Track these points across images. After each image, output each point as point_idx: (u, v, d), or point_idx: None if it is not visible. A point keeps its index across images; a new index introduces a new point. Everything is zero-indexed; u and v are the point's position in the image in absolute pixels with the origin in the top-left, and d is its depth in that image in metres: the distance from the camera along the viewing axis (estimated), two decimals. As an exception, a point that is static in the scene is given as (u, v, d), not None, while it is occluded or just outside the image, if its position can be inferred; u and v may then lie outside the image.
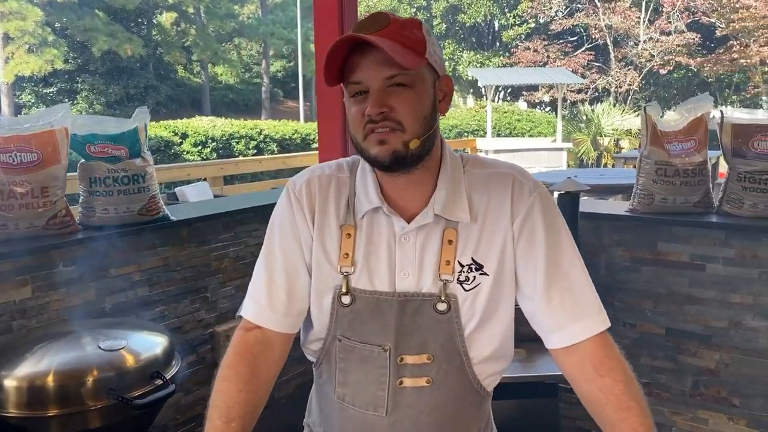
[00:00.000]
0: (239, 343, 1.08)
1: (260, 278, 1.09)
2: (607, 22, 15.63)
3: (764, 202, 2.42)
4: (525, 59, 17.22)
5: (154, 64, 22.30)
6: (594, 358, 1.00)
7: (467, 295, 1.02)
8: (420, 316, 1.02)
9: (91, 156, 2.41)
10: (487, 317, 1.04)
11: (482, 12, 20.58)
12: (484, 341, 1.05)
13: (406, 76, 0.95)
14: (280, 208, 1.11)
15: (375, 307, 1.03)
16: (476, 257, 1.03)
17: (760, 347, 2.44)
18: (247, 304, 1.10)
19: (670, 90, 17.19)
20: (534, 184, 1.06)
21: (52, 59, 18.29)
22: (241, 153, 10.02)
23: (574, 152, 12.07)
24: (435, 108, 1.01)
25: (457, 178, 1.05)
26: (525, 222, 1.03)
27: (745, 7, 13.33)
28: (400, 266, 1.03)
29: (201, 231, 2.78)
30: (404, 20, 0.99)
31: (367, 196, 1.04)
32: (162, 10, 23.29)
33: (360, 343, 1.04)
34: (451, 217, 1.02)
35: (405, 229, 1.03)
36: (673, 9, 14.79)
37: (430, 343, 1.03)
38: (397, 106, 0.95)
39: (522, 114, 16.51)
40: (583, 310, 1.02)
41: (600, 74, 16.38)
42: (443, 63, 1.04)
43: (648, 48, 15.45)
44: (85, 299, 2.35)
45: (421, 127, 0.97)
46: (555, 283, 1.02)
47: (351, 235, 1.04)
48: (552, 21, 17.91)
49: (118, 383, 1.77)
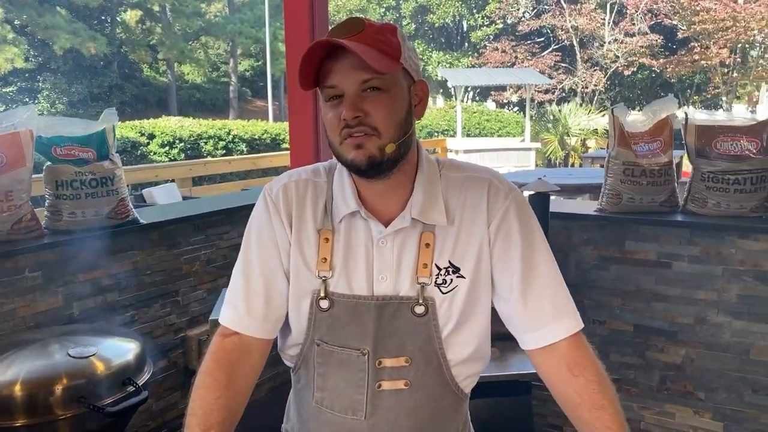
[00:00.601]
0: (217, 350, 1.07)
1: (238, 284, 1.09)
2: (573, 23, 15.89)
3: (727, 201, 2.49)
4: (493, 60, 17.40)
5: (119, 62, 21.86)
6: (568, 358, 1.03)
7: (444, 297, 1.03)
8: (398, 320, 1.03)
9: (57, 158, 2.36)
10: (464, 319, 1.05)
11: (451, 12, 20.72)
12: (461, 343, 1.06)
13: (381, 81, 0.96)
14: (257, 213, 1.10)
15: (353, 311, 1.03)
16: (453, 260, 1.04)
17: (723, 342, 2.51)
18: (225, 310, 1.09)
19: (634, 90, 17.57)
20: (509, 187, 1.07)
21: (12, 57, 17.79)
22: (209, 153, 9.90)
23: (542, 152, 12.25)
24: (410, 112, 1.02)
25: (434, 181, 1.06)
26: (501, 225, 1.04)
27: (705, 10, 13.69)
28: (378, 270, 1.03)
29: (171, 234, 2.74)
30: (380, 25, 1.00)
31: (345, 201, 1.05)
32: (126, 8, 22.84)
33: (338, 348, 1.04)
34: (428, 221, 1.03)
35: (382, 233, 1.03)
36: (636, 11, 15.12)
37: (408, 346, 1.03)
38: (372, 111, 0.96)
39: (491, 114, 16.68)
40: (558, 311, 1.04)
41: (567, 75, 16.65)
42: (419, 68, 1.05)
43: (613, 49, 15.76)
44: (53, 305, 2.29)
45: (396, 132, 0.98)
46: (531, 284, 1.04)
47: (329, 239, 1.04)
48: (519, 22, 18.13)
49: (89, 391, 1.74)
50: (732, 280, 2.48)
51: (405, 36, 1.02)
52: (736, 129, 2.46)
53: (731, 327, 2.50)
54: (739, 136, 2.47)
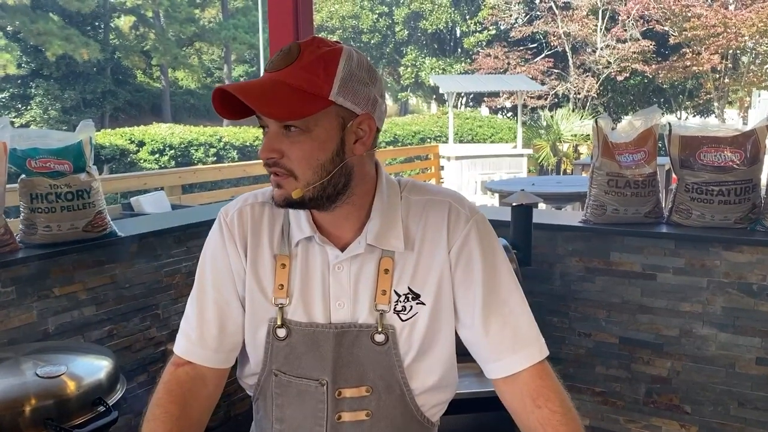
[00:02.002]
0: (169, 380, 1.03)
1: (191, 312, 1.05)
2: (566, 29, 15.94)
3: (711, 212, 2.47)
4: (486, 66, 17.42)
5: (112, 68, 21.80)
6: (531, 388, 0.99)
7: (405, 325, 1.00)
8: (358, 348, 1.00)
9: (32, 171, 2.31)
10: (427, 347, 1.02)
11: (444, 19, 20.75)
12: (425, 372, 1.03)
13: (300, 121, 0.90)
14: (211, 238, 1.07)
15: (311, 340, 1.00)
16: (413, 286, 1.00)
17: (709, 355, 2.49)
18: (178, 338, 1.06)
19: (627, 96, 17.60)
20: (471, 210, 1.04)
21: (5, 64, 17.73)
22: (200, 161, 9.86)
23: (535, 158, 12.24)
24: (340, 152, 0.93)
25: (393, 205, 1.02)
26: (462, 250, 1.01)
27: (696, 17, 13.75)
28: (334, 296, 1.00)
29: (151, 246, 2.70)
30: (317, 55, 0.91)
31: (299, 225, 1.01)
32: (120, 14, 22.80)
33: (296, 378, 1.01)
34: (385, 246, 1.00)
35: (338, 258, 1.00)
36: (628, 17, 15.16)
37: (369, 375, 1.00)
38: (289, 153, 0.91)
39: (483, 120, 16.69)
40: (520, 340, 1.01)
41: (559, 80, 16.68)
42: (369, 99, 0.94)
43: (605, 55, 15.80)
44: (26, 321, 2.25)
45: (315, 175, 0.92)
46: (493, 312, 1.00)
47: (286, 265, 1.01)
48: (512, 28, 18.17)
49: (57, 412, 1.69)
50: (717, 292, 2.46)
51: (355, 61, 0.93)
52: (720, 140, 2.44)
53: (717, 339, 2.47)
54: (722, 147, 2.45)
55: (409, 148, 13.08)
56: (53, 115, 19.15)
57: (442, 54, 22.35)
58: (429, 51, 22.41)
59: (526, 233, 2.37)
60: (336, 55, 0.92)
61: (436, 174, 11.28)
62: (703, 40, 14.11)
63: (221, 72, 24.69)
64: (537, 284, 2.72)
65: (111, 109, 20.92)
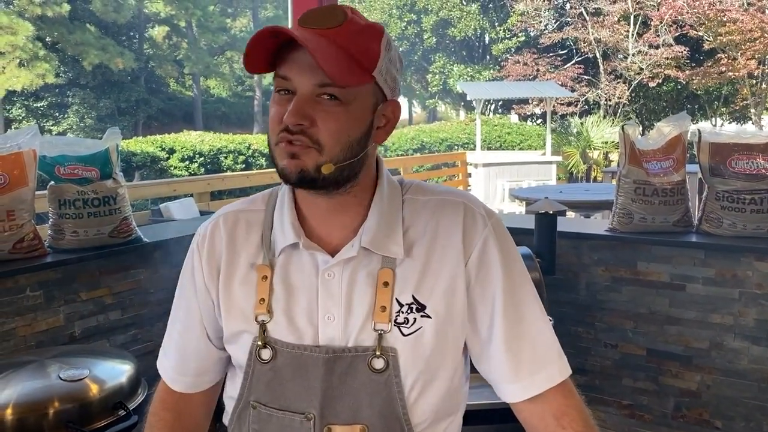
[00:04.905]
0: (160, 389, 1.03)
1: (167, 334, 1.02)
2: (596, 35, 15.73)
3: (743, 221, 2.40)
4: (515, 72, 17.29)
5: (146, 77, 22.30)
6: (554, 407, 0.90)
7: (407, 341, 0.86)
8: (352, 378, 0.86)
9: (60, 178, 2.37)
10: (432, 370, 0.89)
11: (472, 26, 20.69)
12: (428, 403, 0.90)
13: (341, 90, 0.80)
14: (187, 258, 0.98)
15: (298, 365, 0.87)
16: (418, 296, 0.88)
17: (741, 368, 2.41)
18: (159, 356, 1.03)
19: (659, 102, 17.28)
20: (487, 213, 0.93)
21: (44, 73, 18.23)
22: (229, 168, 9.97)
23: (564, 165, 12.09)
24: (369, 134, 0.86)
25: (394, 207, 0.91)
26: (480, 258, 0.89)
27: (731, 21, 13.44)
28: (323, 308, 0.87)
29: (175, 252, 2.73)
30: (364, 25, 0.84)
31: (283, 231, 0.90)
32: (154, 24, 23.32)
33: (278, 411, 0.88)
34: (382, 252, 0.88)
35: (328, 264, 0.88)
36: (661, 23, 14.90)
37: (365, 411, 0.86)
38: (320, 122, 0.80)
39: (512, 127, 16.55)
40: (543, 358, 0.91)
41: (589, 87, 16.47)
42: (397, 85, 0.89)
43: (637, 61, 15.54)
44: (54, 325, 2.30)
45: (342, 153, 0.82)
46: (513, 327, 0.89)
47: (267, 277, 0.89)
48: (541, 35, 18.01)
49: (79, 415, 1.71)
50: (749, 303, 2.38)
51: (392, 44, 0.87)
52: (752, 147, 2.38)
53: (749, 353, 2.39)
54: (755, 154, 2.38)
55: (437, 155, 13.03)
56: (89, 123, 19.63)
57: (470, 61, 22.28)
58: (457, 58, 22.36)
59: (550, 242, 2.34)
60: (380, 30, 0.85)
61: (463, 181, 11.22)
62: (739, 45, 13.78)
63: (251, 80, 25.02)
64: (562, 294, 2.67)
65: (144, 117, 21.37)
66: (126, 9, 20.33)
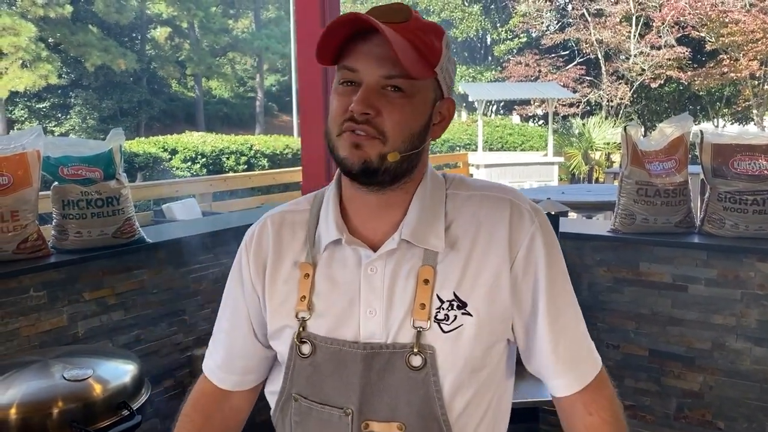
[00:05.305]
0: (195, 390, 1.05)
1: (213, 331, 1.06)
2: (598, 36, 15.73)
3: (745, 222, 2.40)
4: (517, 73, 17.29)
5: (148, 78, 22.32)
6: (586, 395, 0.93)
7: (446, 338, 0.86)
8: (390, 374, 0.87)
9: (64, 178, 2.38)
10: (471, 370, 0.89)
11: (474, 27, 20.70)
12: (467, 400, 0.89)
13: (407, 83, 0.83)
14: (236, 260, 1.03)
15: (337, 360, 0.89)
16: (459, 293, 0.87)
17: (743, 369, 2.41)
18: (206, 355, 1.07)
19: (661, 103, 17.27)
20: (534, 209, 0.93)
21: (46, 74, 18.25)
22: (231, 169, 9.98)
23: (566, 166, 12.09)
24: (427, 128, 0.88)
25: (436, 200, 0.91)
26: (527, 256, 0.89)
27: (734, 22, 13.42)
28: (365, 302, 0.89)
29: (179, 252, 2.74)
30: (426, 23, 0.87)
31: (327, 229, 0.93)
32: (156, 25, 23.36)
33: (319, 405, 0.90)
34: (422, 244, 0.88)
35: (370, 258, 0.89)
36: (663, 24, 14.89)
37: (402, 408, 0.87)
38: (385, 113, 0.82)
39: (514, 128, 16.56)
40: (583, 354, 0.94)
41: (591, 88, 16.46)
42: (453, 84, 0.93)
43: (639, 62, 15.53)
44: (57, 325, 2.30)
45: (404, 144, 0.84)
46: (557, 325, 0.91)
47: (309, 274, 0.92)
48: (543, 35, 18.02)
49: (83, 415, 1.72)
50: (751, 304, 2.38)
51: (450, 44, 0.90)
52: (754, 148, 2.38)
53: (751, 354, 2.40)
54: (757, 155, 2.38)
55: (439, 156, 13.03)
56: (91, 124, 19.66)
57: (472, 62, 22.29)
58: (459, 59, 22.37)
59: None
60: (442, 30, 0.89)
61: (465, 182, 11.21)
62: (742, 46, 13.77)
63: (253, 81, 25.05)
64: (564, 294, 2.67)
65: (146, 118, 21.40)
66: (128, 10, 20.37)
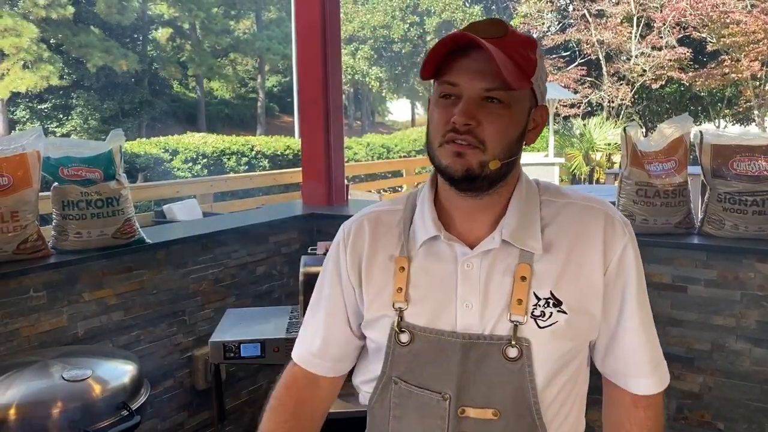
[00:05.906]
0: (286, 375, 1.09)
1: (306, 320, 1.10)
2: (599, 37, 15.72)
3: (745, 223, 2.40)
4: (518, 74, 17.28)
5: (149, 79, 22.35)
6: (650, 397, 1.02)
7: (542, 333, 0.92)
8: (486, 364, 0.93)
9: (64, 179, 2.38)
10: (563, 361, 0.96)
11: (476, 27, 20.73)
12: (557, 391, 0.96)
13: (505, 94, 0.89)
14: (332, 250, 1.08)
15: (436, 348, 0.94)
16: (555, 292, 0.93)
17: (743, 370, 2.41)
18: (296, 343, 1.11)
19: (662, 104, 17.25)
20: (625, 222, 1.00)
21: (48, 75, 18.30)
22: (232, 169, 10.00)
23: (567, 167, 12.08)
24: (523, 135, 0.95)
25: (532, 205, 0.98)
26: (619, 265, 0.97)
27: (735, 23, 13.41)
28: (462, 297, 0.94)
29: (178, 253, 2.75)
30: (521, 36, 0.94)
31: (424, 226, 0.98)
32: (158, 26, 23.41)
33: (418, 388, 0.96)
34: (521, 246, 0.94)
35: (468, 255, 0.95)
36: (664, 24, 14.88)
37: (498, 396, 0.93)
38: (485, 123, 0.89)
39: (515, 128, 16.54)
40: (662, 357, 1.04)
41: (592, 89, 16.45)
42: (545, 92, 0.99)
43: (640, 63, 15.52)
44: (57, 325, 2.30)
45: (503, 152, 0.91)
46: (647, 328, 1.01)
47: (405, 268, 0.98)
48: (544, 36, 18.01)
49: (82, 415, 1.73)
50: (751, 305, 2.38)
51: (542, 55, 0.97)
52: (754, 149, 2.38)
53: (751, 355, 2.39)
54: (757, 155, 2.38)
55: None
56: (93, 125, 19.70)
57: (473, 63, 22.30)
58: (460, 60, 22.40)
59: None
60: (535, 42, 0.96)
61: (466, 183, 11.20)
62: (743, 47, 13.76)
63: (255, 82, 25.08)
64: (563, 295, 2.67)
65: (148, 119, 21.44)
66: (130, 11, 20.41)
